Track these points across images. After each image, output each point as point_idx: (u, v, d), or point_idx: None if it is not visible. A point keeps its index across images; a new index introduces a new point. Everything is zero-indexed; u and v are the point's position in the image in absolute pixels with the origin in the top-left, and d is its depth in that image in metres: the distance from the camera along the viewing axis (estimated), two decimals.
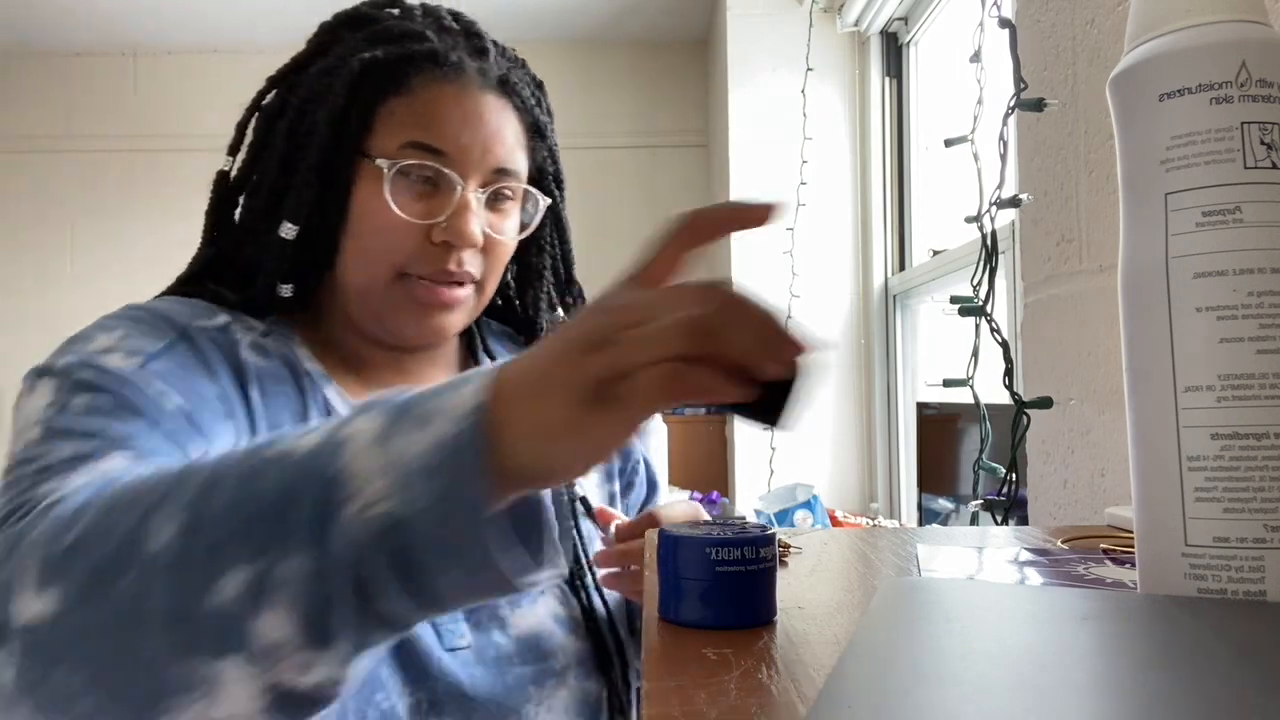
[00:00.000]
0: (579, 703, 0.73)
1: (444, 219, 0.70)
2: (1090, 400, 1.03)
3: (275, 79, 0.76)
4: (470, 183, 0.71)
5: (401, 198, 0.70)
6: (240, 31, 3.94)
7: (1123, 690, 0.26)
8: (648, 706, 0.32)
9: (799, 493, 2.58)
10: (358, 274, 0.72)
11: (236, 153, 0.77)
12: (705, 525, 0.45)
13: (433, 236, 0.70)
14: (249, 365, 0.69)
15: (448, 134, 0.70)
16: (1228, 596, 0.36)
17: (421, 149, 0.69)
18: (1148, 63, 0.39)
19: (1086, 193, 1.03)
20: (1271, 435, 0.36)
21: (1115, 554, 0.56)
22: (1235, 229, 0.36)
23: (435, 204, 0.70)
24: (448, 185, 0.70)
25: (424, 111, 0.70)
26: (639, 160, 4.21)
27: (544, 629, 0.73)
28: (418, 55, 0.70)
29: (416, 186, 0.70)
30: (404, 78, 0.70)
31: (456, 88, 0.71)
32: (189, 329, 0.68)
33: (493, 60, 0.74)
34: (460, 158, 0.70)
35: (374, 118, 0.70)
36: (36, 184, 4.23)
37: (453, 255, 0.71)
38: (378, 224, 0.70)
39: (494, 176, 0.73)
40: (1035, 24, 1.13)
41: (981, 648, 0.30)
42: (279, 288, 0.73)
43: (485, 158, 0.71)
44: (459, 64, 0.71)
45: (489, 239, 0.73)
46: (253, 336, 0.71)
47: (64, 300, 4.12)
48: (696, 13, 3.82)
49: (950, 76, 2.58)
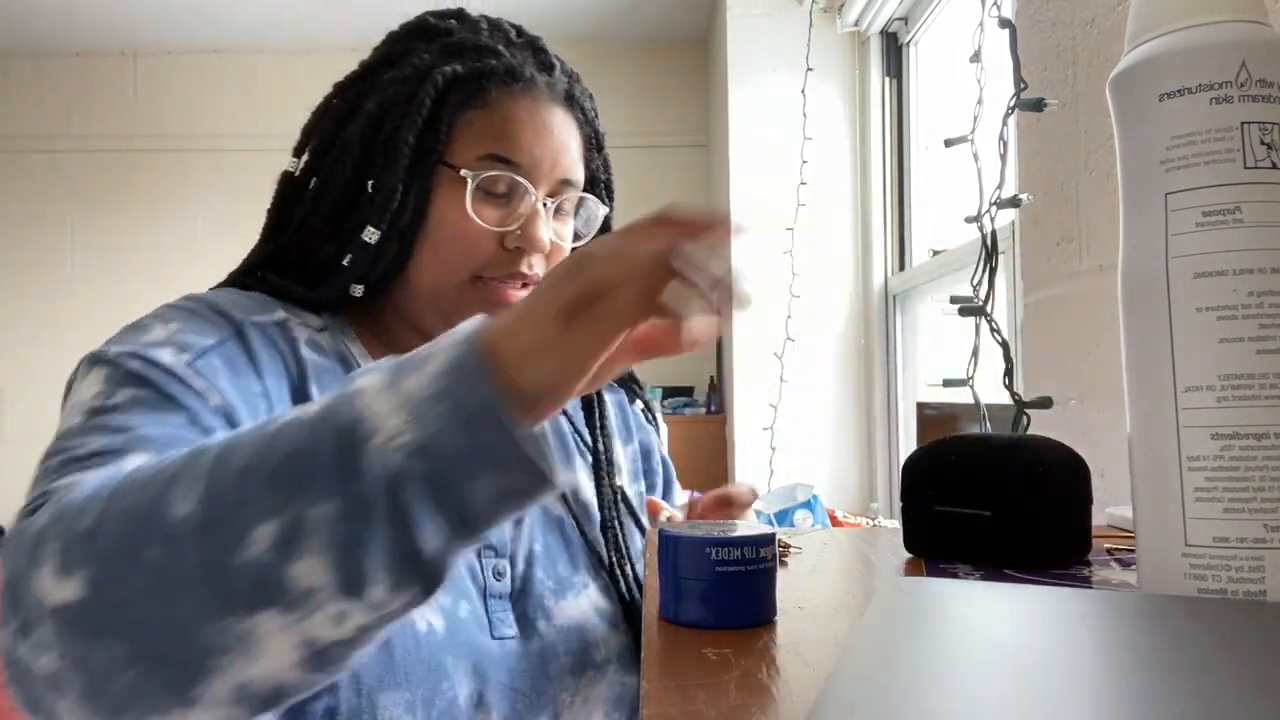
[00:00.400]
0: (617, 697, 0.74)
1: (517, 227, 0.74)
2: (1090, 400, 1.03)
3: (343, 85, 0.79)
4: (540, 192, 0.75)
5: (479, 206, 0.73)
6: (241, 32, 3.94)
7: (1123, 690, 0.26)
8: (647, 706, 0.32)
9: (799, 493, 2.58)
10: (432, 276, 0.75)
11: (301, 154, 0.79)
12: (705, 525, 0.45)
13: (506, 242, 0.74)
14: (308, 362, 0.70)
15: (523, 146, 0.74)
16: (1228, 596, 0.36)
17: (499, 160, 0.73)
18: (1148, 63, 0.39)
19: (1086, 193, 1.03)
20: (1271, 435, 0.36)
21: (1116, 554, 0.56)
22: (1235, 229, 0.36)
23: (508, 212, 0.74)
24: (520, 194, 0.74)
25: (501, 125, 0.74)
26: (639, 160, 4.21)
27: (587, 621, 0.74)
28: (496, 70, 0.74)
29: (492, 195, 0.74)
30: (483, 91, 0.74)
31: (530, 101, 0.75)
32: (244, 325, 0.69)
33: (558, 74, 0.78)
34: (532, 168, 0.74)
35: (454, 129, 0.74)
36: (36, 184, 4.23)
37: (524, 259, 0.75)
38: (457, 230, 0.73)
39: (560, 186, 0.77)
40: (1035, 24, 1.13)
41: (981, 648, 0.30)
42: (352, 288, 0.76)
43: (554, 169, 0.76)
44: (532, 79, 0.75)
45: (555, 245, 0.77)
46: (309, 333, 0.73)
47: (63, 299, 4.12)
48: (696, 13, 3.82)
49: (950, 76, 2.58)
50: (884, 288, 2.98)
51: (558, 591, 0.74)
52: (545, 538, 0.77)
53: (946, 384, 1.09)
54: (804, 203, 2.87)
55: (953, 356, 2.20)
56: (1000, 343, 1.01)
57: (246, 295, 0.73)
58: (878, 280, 2.98)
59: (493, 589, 0.72)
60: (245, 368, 0.66)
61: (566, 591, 0.75)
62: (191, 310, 0.68)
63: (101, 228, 4.23)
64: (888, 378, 2.95)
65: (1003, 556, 0.51)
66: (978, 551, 0.52)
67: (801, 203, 2.87)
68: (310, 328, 0.74)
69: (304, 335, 0.72)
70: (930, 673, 0.28)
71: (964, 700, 0.26)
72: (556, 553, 0.77)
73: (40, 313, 4.11)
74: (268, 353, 0.68)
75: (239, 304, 0.71)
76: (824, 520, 2.53)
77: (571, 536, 0.79)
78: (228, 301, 0.71)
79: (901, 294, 2.89)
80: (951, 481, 0.54)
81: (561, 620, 0.73)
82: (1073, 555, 0.52)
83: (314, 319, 0.75)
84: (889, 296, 2.96)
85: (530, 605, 0.73)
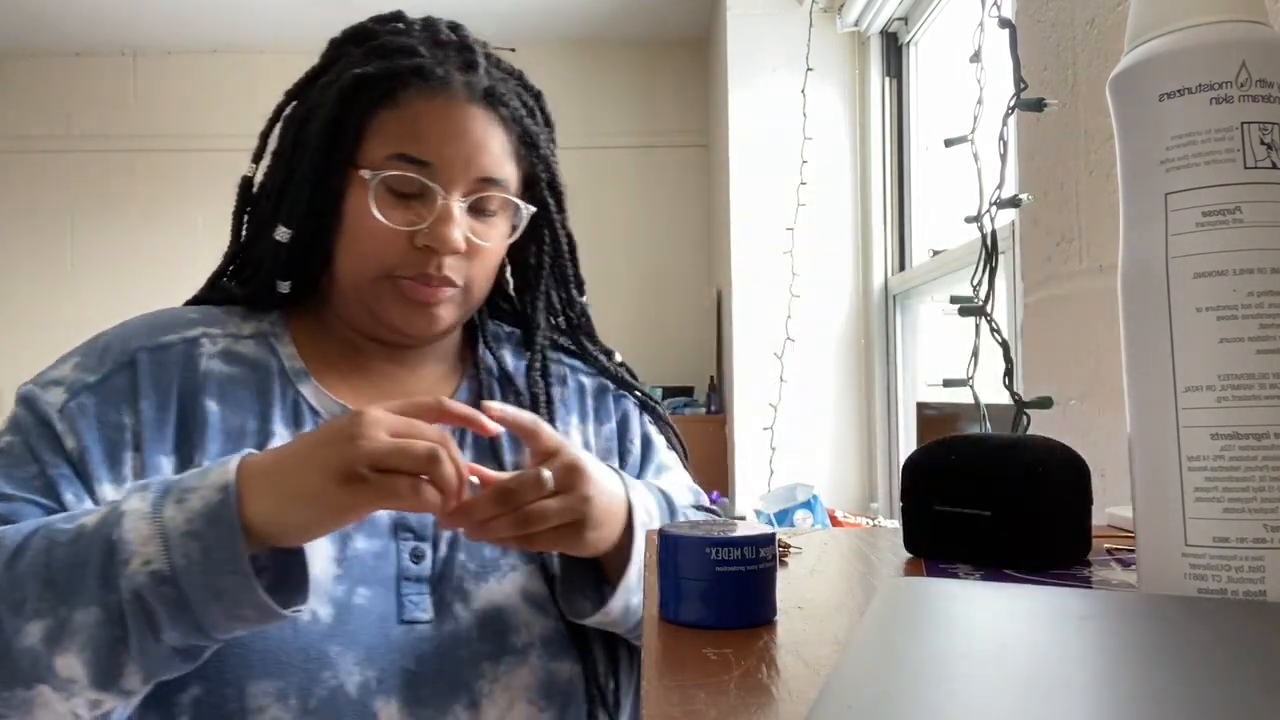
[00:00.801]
0: (543, 684, 0.73)
1: (425, 226, 0.74)
2: (1090, 400, 1.03)
3: (292, 91, 0.82)
4: (454, 192, 0.75)
5: (387, 205, 0.74)
6: (240, 32, 3.94)
7: (1122, 690, 0.26)
8: (647, 706, 0.32)
9: (799, 493, 2.58)
10: (350, 274, 0.77)
11: (259, 160, 0.83)
12: (705, 525, 0.45)
13: (415, 241, 0.75)
14: (209, 375, 0.74)
15: (432, 146, 0.74)
16: (1228, 596, 0.36)
17: (407, 160, 0.74)
18: (1148, 63, 0.39)
19: (1086, 193, 1.03)
20: (1271, 435, 0.36)
21: (1116, 554, 0.56)
22: (1235, 229, 0.36)
23: (419, 212, 0.75)
24: (431, 195, 0.74)
25: (410, 124, 0.74)
26: (639, 160, 4.21)
27: (509, 604, 0.74)
28: (406, 70, 0.74)
29: (403, 195, 0.75)
30: (393, 91, 0.74)
31: (442, 101, 0.75)
32: (137, 354, 0.74)
33: (482, 73, 0.77)
34: (444, 168, 0.74)
35: (365, 129, 0.75)
36: (36, 184, 4.23)
37: (434, 259, 0.75)
38: (367, 230, 0.75)
39: (478, 185, 0.76)
40: (1035, 24, 1.13)
41: (981, 648, 0.30)
42: (278, 285, 0.79)
43: (469, 168, 0.75)
44: (445, 78, 0.75)
45: (471, 245, 0.76)
46: (227, 343, 0.77)
47: (63, 299, 4.13)
48: (696, 13, 3.82)
49: (950, 76, 2.58)
50: (884, 288, 2.98)
51: (480, 575, 0.74)
52: None
53: (946, 384, 1.09)
54: (804, 203, 2.87)
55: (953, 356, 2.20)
56: (1000, 343, 1.01)
57: (175, 314, 0.79)
58: (878, 280, 2.98)
59: (408, 572, 0.72)
60: (121, 401, 0.72)
61: (490, 574, 0.74)
62: (101, 344, 0.75)
63: (101, 228, 4.23)
64: (888, 378, 2.95)
65: (1003, 556, 0.51)
66: (978, 551, 0.52)
67: (801, 203, 2.86)
68: (235, 336, 0.78)
69: (218, 347, 0.76)
70: (930, 673, 0.28)
71: (964, 700, 0.26)
72: None
73: (40, 313, 4.11)
74: (153, 379, 0.73)
75: (153, 329, 0.77)
76: (824, 520, 2.53)
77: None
78: (134, 332, 0.76)
79: (901, 294, 2.89)
80: (951, 481, 0.54)
81: (480, 604, 0.73)
82: (1073, 555, 0.52)
83: (247, 325, 0.79)
84: (889, 296, 2.96)
85: (448, 589, 0.73)
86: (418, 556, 0.73)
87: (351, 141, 0.75)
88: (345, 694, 0.67)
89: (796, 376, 2.87)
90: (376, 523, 0.72)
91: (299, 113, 0.79)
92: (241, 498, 0.58)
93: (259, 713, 0.65)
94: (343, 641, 0.68)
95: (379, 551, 0.72)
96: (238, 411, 0.73)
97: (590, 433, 0.86)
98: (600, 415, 0.88)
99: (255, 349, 0.78)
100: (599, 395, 0.89)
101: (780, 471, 2.83)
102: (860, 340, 3.02)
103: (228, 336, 0.77)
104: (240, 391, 0.74)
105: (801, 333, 2.87)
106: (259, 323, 0.80)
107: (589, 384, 0.89)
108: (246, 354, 0.77)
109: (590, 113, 4.11)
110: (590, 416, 0.87)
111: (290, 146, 0.78)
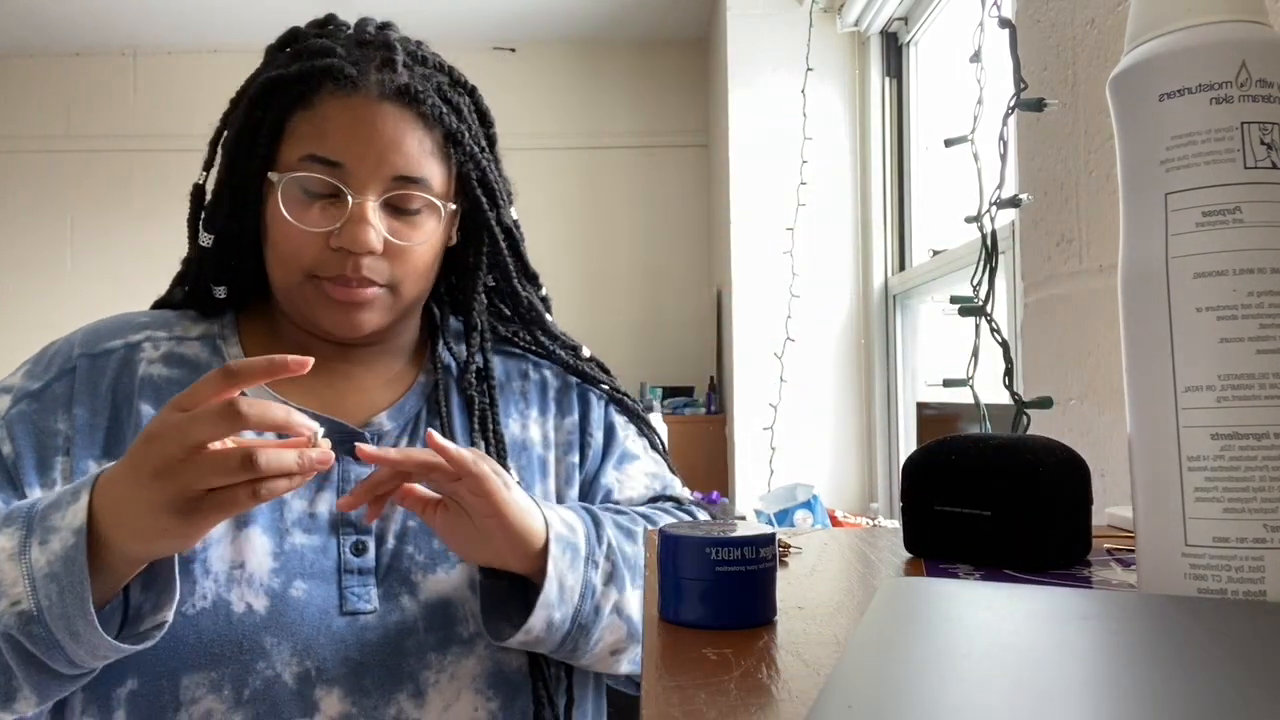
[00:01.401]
0: (490, 674, 0.73)
1: (338, 227, 0.73)
2: (1090, 400, 1.03)
3: (235, 97, 0.81)
4: (368, 192, 0.74)
5: (301, 208, 0.74)
6: (240, 31, 3.94)
7: (1122, 690, 0.26)
8: (647, 706, 0.32)
9: (799, 493, 2.58)
10: (278, 277, 0.78)
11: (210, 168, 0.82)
12: (705, 525, 0.45)
13: (330, 243, 0.74)
14: (147, 380, 0.76)
15: (341, 145, 0.73)
16: (1228, 596, 0.36)
17: (318, 161, 0.73)
18: (1148, 63, 0.39)
19: (1086, 193, 1.03)
20: (1271, 435, 0.36)
21: (1116, 554, 0.56)
22: (1235, 229, 0.36)
23: (333, 213, 0.74)
24: (343, 196, 0.73)
25: (321, 125, 0.74)
26: (639, 160, 4.21)
27: (457, 595, 0.74)
28: (316, 70, 0.74)
29: (317, 196, 0.74)
30: (305, 94, 0.74)
31: (356, 100, 0.74)
32: (80, 359, 0.76)
33: (401, 70, 0.76)
34: (355, 168, 0.73)
35: (281, 133, 0.75)
36: (36, 183, 4.23)
37: (350, 260, 0.74)
38: (283, 232, 0.75)
39: (394, 184, 0.75)
40: (1035, 24, 1.13)
41: (981, 648, 0.30)
42: (214, 290, 0.81)
43: (380, 167, 0.74)
44: (354, 77, 0.74)
45: (390, 245, 0.75)
46: (170, 346, 0.79)
47: (63, 299, 4.12)
48: (696, 13, 3.82)
49: (950, 76, 2.58)
50: (884, 288, 2.98)
51: (427, 566, 0.74)
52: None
53: (946, 384, 1.09)
54: (804, 203, 2.87)
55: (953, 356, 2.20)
56: (1000, 343, 1.01)
57: (125, 319, 0.81)
58: (878, 280, 2.98)
59: (350, 565, 0.73)
60: (59, 408, 0.74)
61: (438, 565, 0.75)
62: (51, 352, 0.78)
63: (101, 228, 4.23)
64: (888, 378, 2.95)
65: (1003, 556, 0.51)
66: (978, 551, 0.52)
67: (801, 203, 2.87)
68: (180, 339, 0.80)
69: (160, 351, 0.78)
70: (930, 673, 0.28)
71: (964, 700, 0.26)
72: None
73: (40, 312, 4.11)
74: (90, 384, 0.75)
75: (101, 334, 0.78)
76: (824, 520, 2.53)
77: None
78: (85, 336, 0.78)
79: (901, 294, 2.89)
80: (951, 481, 0.54)
81: (427, 595, 0.74)
82: (1073, 555, 0.52)
83: (196, 328, 0.81)
84: (889, 296, 2.96)
85: (394, 580, 0.74)
86: (359, 549, 0.74)
87: (267, 145, 0.75)
88: (283, 684, 0.68)
89: (796, 376, 2.87)
90: (317, 518, 0.73)
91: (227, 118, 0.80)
92: (98, 532, 0.60)
93: (194, 704, 0.67)
94: (277, 633, 0.69)
95: (319, 546, 0.72)
96: None
97: (550, 427, 0.86)
98: (563, 409, 0.87)
99: (199, 350, 0.79)
100: (562, 390, 0.88)
101: (780, 471, 2.83)
102: (860, 340, 3.02)
103: (172, 339, 0.79)
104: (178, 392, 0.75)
105: (801, 333, 2.87)
106: (209, 325, 0.81)
107: (552, 379, 0.88)
108: (189, 355, 0.78)
109: (591, 113, 4.11)
110: (551, 410, 0.87)
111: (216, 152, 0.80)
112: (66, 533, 0.60)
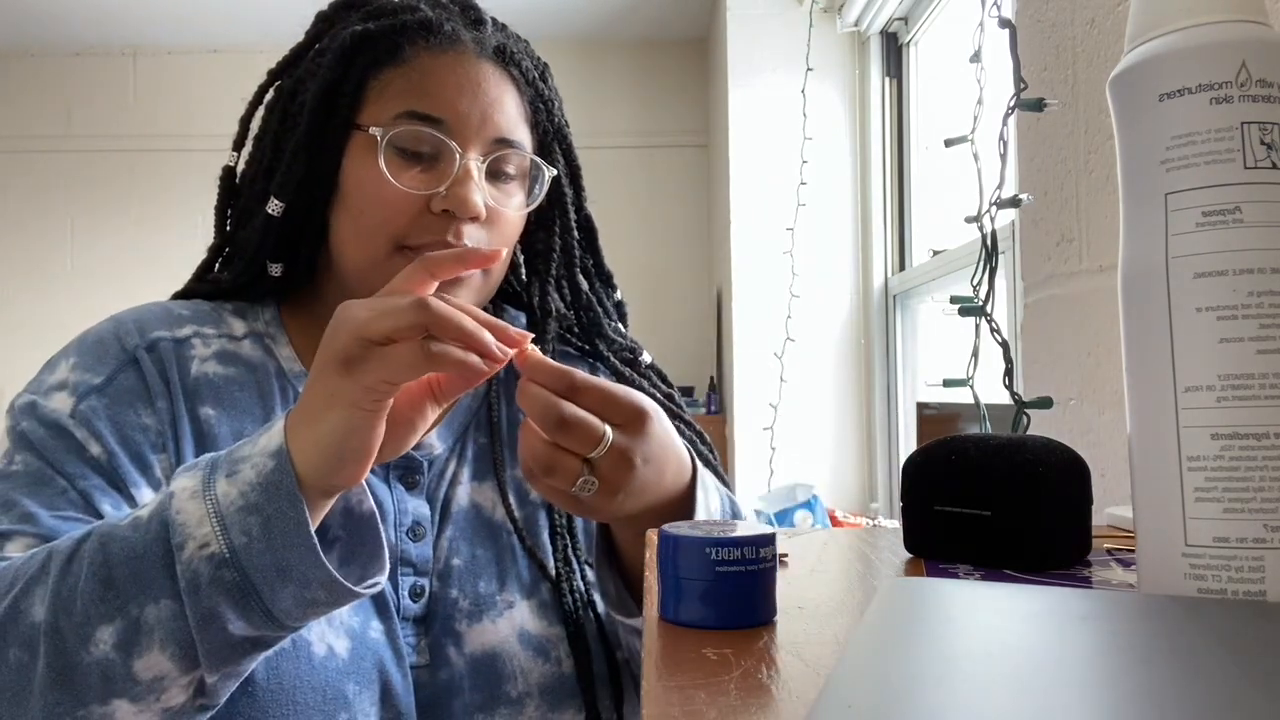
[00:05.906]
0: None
1: (444, 188, 0.67)
2: (1090, 400, 1.03)
3: (275, 71, 0.76)
4: (470, 151, 0.68)
5: (397, 168, 0.67)
6: (240, 31, 3.94)
7: (1122, 690, 0.26)
8: (647, 706, 0.32)
9: (799, 493, 2.58)
10: (354, 250, 0.70)
11: (240, 148, 0.77)
12: (705, 525, 0.45)
13: (432, 206, 0.67)
14: (203, 380, 0.68)
15: (445, 101, 0.67)
16: (1228, 596, 0.36)
17: (418, 118, 0.67)
18: (1148, 63, 0.39)
19: (1086, 193, 1.03)
20: (1271, 435, 0.36)
21: (1116, 554, 0.56)
22: (1235, 229, 0.36)
23: (434, 174, 0.67)
24: (447, 154, 0.67)
25: (419, 80, 0.68)
26: (639, 160, 4.21)
27: (504, 649, 0.67)
28: (410, 25, 0.68)
29: (415, 156, 0.68)
30: (397, 48, 0.68)
31: (453, 55, 0.68)
32: (139, 350, 0.68)
33: (490, 31, 0.72)
34: (459, 126, 0.68)
35: (366, 90, 0.68)
36: (36, 184, 4.23)
37: (453, 226, 0.67)
38: (373, 195, 0.67)
39: (494, 146, 0.69)
40: (1035, 24, 1.13)
41: (981, 648, 0.30)
42: (269, 268, 0.73)
43: (485, 126, 0.68)
44: (454, 33, 0.69)
45: (492, 211, 0.69)
46: (221, 344, 0.71)
47: (63, 299, 4.12)
48: (696, 13, 3.82)
49: (950, 76, 2.58)
50: (884, 288, 2.98)
51: (473, 614, 0.68)
52: (473, 549, 0.70)
53: (946, 384, 1.09)
54: (804, 203, 2.87)
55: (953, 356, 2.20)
56: (1000, 343, 1.01)
57: (166, 308, 0.73)
58: (878, 280, 2.98)
59: (407, 611, 0.67)
60: (136, 399, 0.66)
61: (484, 613, 0.68)
62: (89, 344, 0.69)
63: (101, 228, 4.22)
64: (888, 378, 2.95)
65: (1003, 556, 0.51)
66: (978, 551, 0.52)
67: (801, 203, 2.86)
68: (230, 337, 0.72)
69: (211, 349, 0.70)
70: (930, 673, 0.28)
71: (964, 700, 0.26)
72: (483, 566, 0.70)
73: (40, 313, 4.10)
74: (161, 376, 0.67)
75: (146, 324, 0.70)
76: (824, 520, 2.53)
77: (508, 545, 0.72)
78: (130, 326, 0.70)
79: (901, 294, 2.89)
80: (951, 481, 0.54)
81: (473, 647, 0.67)
82: (1073, 555, 0.52)
83: (240, 325, 0.73)
84: (889, 296, 2.96)
85: (438, 629, 0.67)
86: (416, 594, 0.68)
87: (350, 104, 0.68)
88: None
89: (796, 376, 2.87)
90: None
91: (286, 87, 0.73)
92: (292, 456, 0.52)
93: None
94: (359, 680, 0.62)
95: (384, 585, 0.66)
96: (238, 415, 0.69)
97: None
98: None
99: (252, 350, 0.72)
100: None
101: (780, 471, 2.83)
102: (860, 340, 3.02)
103: (222, 337, 0.72)
104: (239, 394, 0.69)
105: (801, 333, 2.87)
106: (253, 322, 0.74)
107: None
108: (244, 355, 0.72)
109: (591, 113, 4.11)
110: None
111: (278, 122, 0.72)
112: (261, 458, 0.52)
